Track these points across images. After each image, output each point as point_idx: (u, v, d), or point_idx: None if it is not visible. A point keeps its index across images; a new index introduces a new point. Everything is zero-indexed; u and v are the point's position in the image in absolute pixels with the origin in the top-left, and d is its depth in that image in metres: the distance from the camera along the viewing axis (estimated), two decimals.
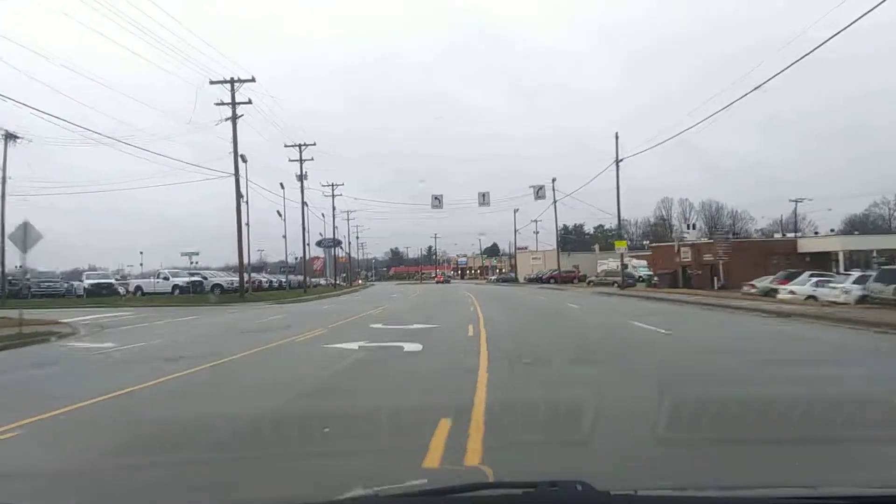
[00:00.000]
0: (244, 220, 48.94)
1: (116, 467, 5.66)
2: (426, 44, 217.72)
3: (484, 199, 50.98)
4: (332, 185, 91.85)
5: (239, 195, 47.59)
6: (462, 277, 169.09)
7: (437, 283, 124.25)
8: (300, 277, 71.39)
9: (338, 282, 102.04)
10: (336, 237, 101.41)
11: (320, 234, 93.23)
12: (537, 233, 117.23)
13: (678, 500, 2.28)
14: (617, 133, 47.89)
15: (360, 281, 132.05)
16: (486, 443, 5.91)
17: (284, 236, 65.22)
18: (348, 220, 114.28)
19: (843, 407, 7.72)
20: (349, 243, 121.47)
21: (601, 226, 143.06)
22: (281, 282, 66.73)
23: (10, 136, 41.15)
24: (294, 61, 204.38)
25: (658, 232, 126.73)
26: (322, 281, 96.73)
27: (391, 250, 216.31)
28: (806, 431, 6.50)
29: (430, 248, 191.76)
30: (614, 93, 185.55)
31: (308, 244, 76.37)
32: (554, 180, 69.91)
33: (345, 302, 44.36)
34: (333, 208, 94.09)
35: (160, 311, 35.03)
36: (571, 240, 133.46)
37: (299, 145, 69.19)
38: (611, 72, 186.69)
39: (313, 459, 5.72)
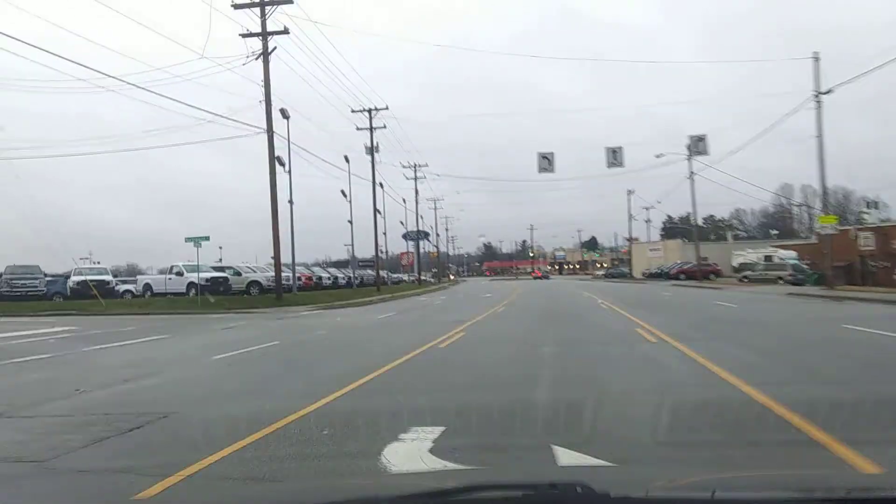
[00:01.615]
0: (286, 198, 36.34)
1: None
2: (499, 26, 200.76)
3: (615, 156, 36.15)
4: (415, 166, 78.51)
5: (273, 159, 34.27)
6: (560, 272, 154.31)
7: (535, 278, 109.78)
8: (385, 273, 58.38)
9: (425, 277, 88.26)
10: (422, 229, 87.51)
11: (401, 222, 79.72)
12: (649, 221, 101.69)
13: (678, 501, 2.20)
14: (817, 54, 31.83)
15: (451, 276, 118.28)
16: None
17: (350, 221, 52.11)
18: (435, 208, 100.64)
19: None
20: (437, 236, 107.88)
21: (711, 216, 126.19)
22: (349, 278, 53.72)
23: None
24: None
25: (775, 222, 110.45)
26: (406, 277, 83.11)
27: (483, 245, 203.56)
28: None
29: (523, 242, 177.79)
30: (700, 74, 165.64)
31: (385, 233, 63.37)
32: (695, 142, 54.12)
33: (407, 311, 30.72)
34: (416, 192, 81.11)
35: (141, 324, 24.33)
36: (678, 230, 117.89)
37: (368, 110, 55.96)
38: (698, 52, 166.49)
39: None
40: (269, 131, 35.34)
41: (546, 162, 35.60)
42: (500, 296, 40.75)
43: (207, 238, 31.53)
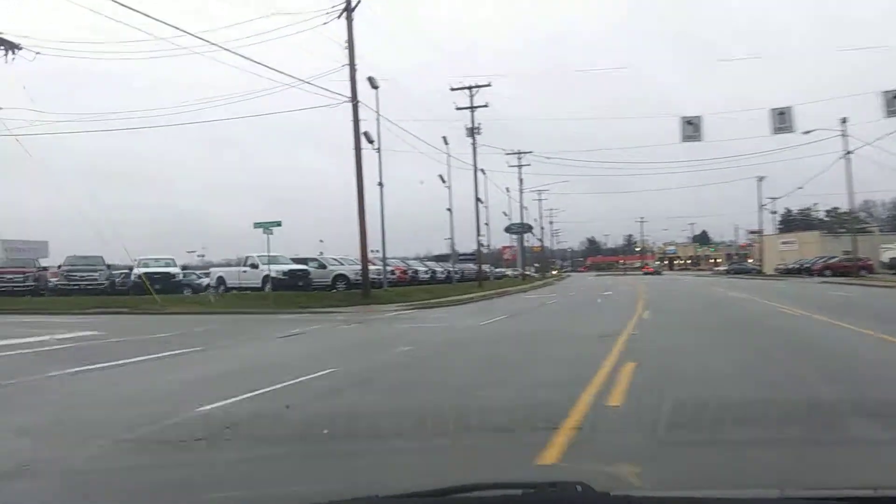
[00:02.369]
0: (375, 180, 31.04)
1: None
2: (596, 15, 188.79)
3: (784, 119, 28.96)
4: (519, 153, 72.07)
5: (359, 133, 28.93)
6: (670, 268, 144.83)
7: (645, 273, 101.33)
8: (488, 267, 52.98)
9: (529, 272, 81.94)
10: (526, 221, 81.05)
11: (505, 213, 73.60)
12: (775, 213, 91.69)
13: (678, 501, 2.15)
14: None
15: (554, 271, 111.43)
16: None
17: (449, 209, 46.55)
18: (539, 199, 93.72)
19: None
20: (542, 229, 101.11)
21: (835, 208, 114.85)
22: (448, 272, 48.30)
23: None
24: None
25: None
26: (510, 272, 76.98)
27: (587, 239, 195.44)
28: None
29: (629, 236, 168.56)
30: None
31: (487, 223, 57.49)
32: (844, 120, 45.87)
33: (518, 314, 24.75)
34: (521, 181, 74.49)
35: (186, 327, 19.51)
36: (798, 223, 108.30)
37: (469, 87, 50.12)
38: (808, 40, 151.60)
39: None
40: (354, 100, 29.97)
41: (691, 128, 28.75)
42: (625, 295, 33.99)
43: (279, 224, 26.39)
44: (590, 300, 31.03)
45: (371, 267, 36.22)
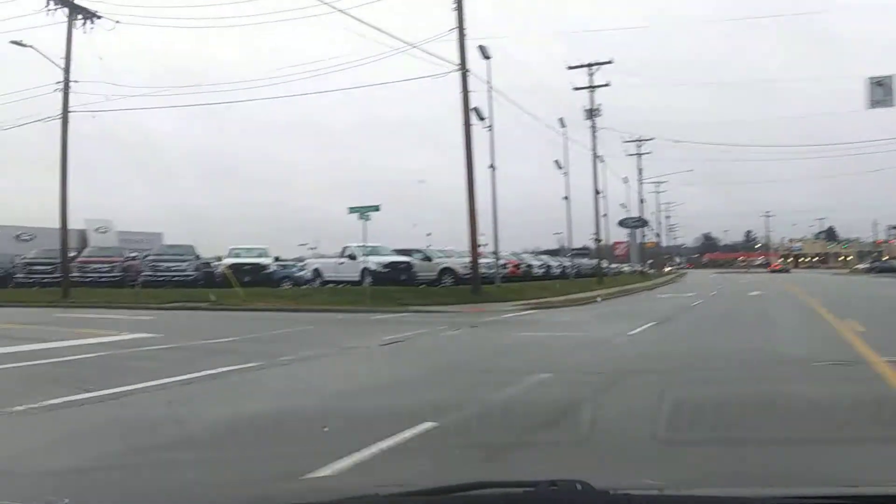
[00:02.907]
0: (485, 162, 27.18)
1: None
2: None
3: (882, 90, 23.10)
4: (639, 141, 66.40)
5: (468, 108, 25.04)
6: (795, 266, 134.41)
7: (772, 271, 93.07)
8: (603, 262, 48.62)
9: (643, 269, 76.27)
10: (640, 216, 75.27)
11: (623, 205, 68.21)
12: None
13: (677, 500, 2.18)
14: None
15: (667, 268, 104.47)
16: None
17: (566, 197, 42.08)
18: (657, 191, 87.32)
19: None
20: (659, 223, 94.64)
21: None
22: (564, 267, 43.90)
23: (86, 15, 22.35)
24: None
25: None
26: (626, 268, 71.61)
27: (702, 235, 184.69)
28: None
29: (747, 232, 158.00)
30: None
31: (605, 215, 52.45)
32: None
33: (669, 320, 20.22)
34: (640, 171, 68.85)
35: (257, 330, 16.46)
36: None
37: (588, 65, 45.36)
38: None
39: None
40: (463, 68, 26.02)
41: (881, 91, 23.00)
42: (783, 296, 28.56)
43: (376, 208, 22.69)
44: (740, 301, 25.85)
45: (480, 260, 32.27)
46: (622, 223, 72.69)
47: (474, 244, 26.05)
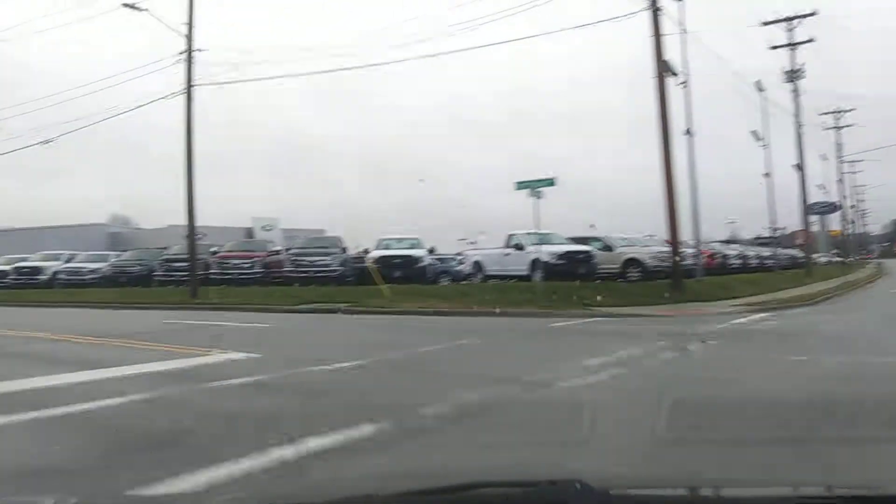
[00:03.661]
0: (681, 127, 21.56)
1: None
2: None
3: None
4: (837, 112, 57.01)
5: (661, 54, 19.47)
6: None
7: None
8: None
9: (846, 260, 66.43)
10: (839, 199, 65.37)
11: (821, 186, 58.93)
12: None
13: (677, 499, 2.13)
14: None
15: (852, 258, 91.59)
16: None
17: (767, 174, 35.10)
18: (853, 172, 75.88)
19: None
20: (851, 208, 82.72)
21: None
22: (762, 258, 37.11)
23: None
24: None
25: None
26: (822, 258, 62.23)
27: (892, 222, 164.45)
28: None
29: None
30: None
31: (805, 197, 44.26)
32: None
33: None
34: (838, 146, 59.14)
35: (390, 346, 11.58)
36: None
37: (787, 18, 38.01)
38: None
39: None
40: (654, 6, 20.31)
41: None
42: None
43: (551, 182, 17.58)
44: None
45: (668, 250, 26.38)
46: (810, 209, 63.16)
47: (673, 227, 20.30)
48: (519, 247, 23.25)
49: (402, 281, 22.12)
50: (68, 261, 31.37)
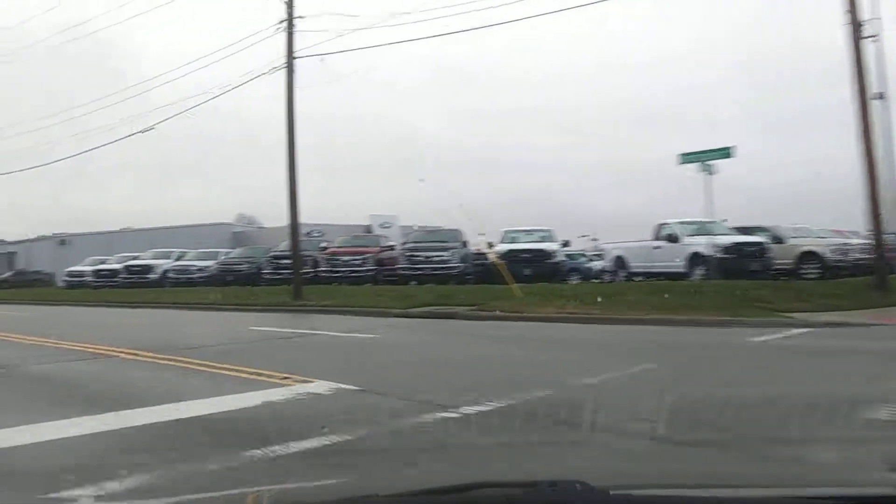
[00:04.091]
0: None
1: None
2: None
3: None
4: None
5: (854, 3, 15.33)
6: None
7: None
8: None
9: None
10: None
11: None
12: None
13: (677, 499, 2.05)
14: None
15: None
16: None
17: None
18: None
19: None
20: None
21: None
22: None
23: None
24: None
25: None
26: None
27: None
28: None
29: None
30: None
31: None
32: None
33: None
34: None
35: (544, 359, 8.16)
36: None
37: None
38: None
39: None
40: None
41: None
42: None
43: (726, 153, 13.82)
44: None
45: (852, 241, 21.77)
46: None
47: (876, 212, 15.93)
48: (672, 238, 19.42)
49: (531, 279, 18.80)
50: (178, 259, 30.14)
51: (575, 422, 5.07)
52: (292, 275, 20.40)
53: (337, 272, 23.34)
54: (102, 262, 32.29)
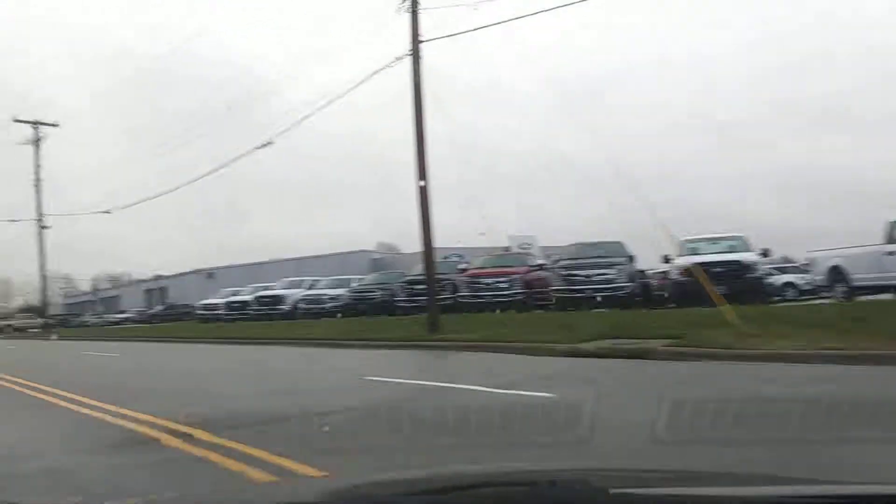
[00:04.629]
0: None
1: None
2: None
3: None
4: None
5: None
6: None
7: None
8: None
9: None
10: None
11: None
12: None
13: (677, 499, 1.92)
14: None
15: None
16: None
17: None
18: None
19: None
20: None
21: None
22: None
23: None
24: None
25: None
26: None
27: None
28: None
29: None
30: None
31: None
32: None
33: None
34: None
35: None
36: None
37: None
38: None
39: None
40: None
41: None
42: None
43: None
44: None
45: None
46: None
47: None
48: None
49: (728, 299, 14.37)
50: (310, 287, 27.78)
51: None
52: (428, 302, 17.07)
53: (479, 297, 19.78)
54: (235, 294, 30.67)
